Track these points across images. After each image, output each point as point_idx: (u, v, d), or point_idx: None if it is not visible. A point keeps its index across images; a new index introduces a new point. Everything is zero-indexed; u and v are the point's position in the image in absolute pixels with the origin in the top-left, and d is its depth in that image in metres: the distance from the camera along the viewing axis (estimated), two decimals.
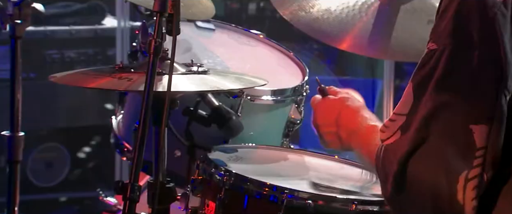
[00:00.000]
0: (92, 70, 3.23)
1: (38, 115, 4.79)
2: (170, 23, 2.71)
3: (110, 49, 5.04)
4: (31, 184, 4.92)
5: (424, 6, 3.45)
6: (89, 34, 5.06)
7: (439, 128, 2.50)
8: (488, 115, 2.49)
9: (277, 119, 3.53)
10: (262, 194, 3.02)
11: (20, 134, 3.28)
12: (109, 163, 5.11)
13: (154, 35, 2.67)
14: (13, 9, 3.19)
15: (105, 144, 5.19)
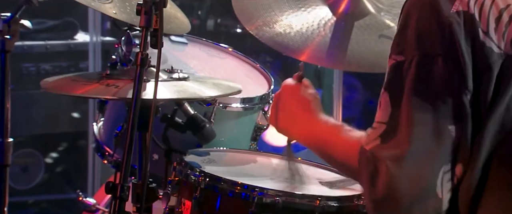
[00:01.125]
0: (81, 77, 3.25)
1: (15, 123, 4.78)
2: (154, 37, 2.74)
3: (82, 62, 5.01)
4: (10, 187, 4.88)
5: (375, 22, 3.45)
6: (63, 48, 5.03)
7: (418, 130, 2.54)
8: (457, 115, 2.51)
9: (246, 124, 3.53)
10: (235, 192, 3.02)
11: (9, 139, 3.28)
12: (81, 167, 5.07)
13: (140, 48, 2.70)
14: (3, 26, 3.17)
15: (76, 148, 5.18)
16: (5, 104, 3.28)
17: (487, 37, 2.49)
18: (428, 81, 2.52)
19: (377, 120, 2.58)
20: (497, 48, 2.49)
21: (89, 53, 4.94)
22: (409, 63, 2.52)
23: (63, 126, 5.25)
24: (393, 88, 2.56)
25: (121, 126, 3.35)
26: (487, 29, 2.50)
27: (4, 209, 3.33)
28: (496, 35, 2.50)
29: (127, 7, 3.21)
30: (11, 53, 3.31)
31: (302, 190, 3.10)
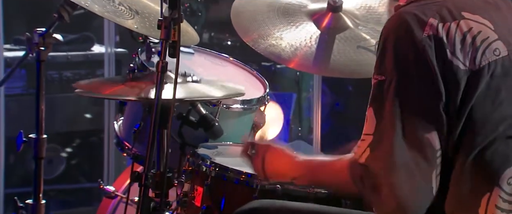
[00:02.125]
0: (109, 80, 3.24)
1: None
2: (172, 47, 2.72)
3: (98, 70, 5.00)
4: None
5: (354, 35, 3.45)
6: (82, 58, 5.02)
7: (407, 141, 2.51)
8: (435, 123, 2.51)
9: (245, 122, 3.51)
10: (240, 180, 3.03)
11: (43, 136, 3.25)
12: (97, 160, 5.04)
13: (161, 57, 2.68)
14: (39, 39, 3.16)
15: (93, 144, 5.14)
16: (40, 106, 3.22)
17: (454, 57, 2.50)
18: (407, 97, 2.52)
19: (364, 132, 2.57)
20: (463, 65, 2.51)
21: (104, 62, 4.90)
22: (389, 83, 2.52)
23: (81, 125, 5.22)
24: (377, 104, 2.55)
25: (138, 124, 3.33)
26: (453, 49, 2.51)
27: (39, 195, 3.25)
28: (462, 54, 2.51)
29: (146, 22, 3.19)
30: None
31: None
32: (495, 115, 2.54)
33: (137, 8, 3.20)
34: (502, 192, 2.56)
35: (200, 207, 3.06)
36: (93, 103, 5.13)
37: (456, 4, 2.55)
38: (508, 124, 2.56)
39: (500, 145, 2.56)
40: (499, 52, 2.55)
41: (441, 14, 2.52)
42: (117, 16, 3.10)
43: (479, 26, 2.54)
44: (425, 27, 2.50)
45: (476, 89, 2.50)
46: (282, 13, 3.48)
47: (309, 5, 3.51)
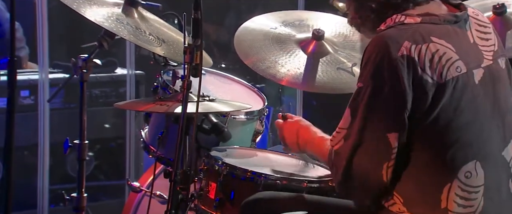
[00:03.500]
0: (143, 99, 3.25)
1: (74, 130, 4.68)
2: (195, 69, 2.73)
3: (121, 88, 4.95)
4: (70, 175, 4.80)
5: (334, 59, 3.43)
6: (107, 79, 4.96)
7: (369, 136, 2.54)
8: (396, 127, 2.53)
9: (248, 130, 3.49)
10: (246, 177, 3.01)
11: (85, 141, 3.24)
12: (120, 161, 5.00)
13: (187, 77, 2.68)
14: (82, 63, 3.16)
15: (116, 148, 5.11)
16: (82, 117, 3.22)
17: (424, 72, 2.53)
18: (376, 103, 2.55)
19: (340, 126, 2.62)
20: (431, 79, 2.53)
21: (126, 82, 4.86)
22: (365, 89, 2.56)
23: (107, 132, 5.15)
24: (353, 105, 2.59)
25: (161, 132, 3.34)
26: (423, 66, 2.53)
27: (82, 190, 3.24)
28: (430, 70, 2.53)
29: (171, 49, 3.19)
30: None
31: (295, 176, 3.10)
32: (457, 121, 2.56)
33: (164, 37, 3.20)
34: (460, 183, 2.58)
35: (214, 199, 3.04)
36: (115, 115, 5.09)
37: (426, 30, 2.58)
38: (466, 129, 2.58)
39: (460, 146, 2.58)
40: (460, 70, 2.57)
41: (414, 38, 2.54)
42: (148, 44, 3.10)
43: (444, 48, 2.56)
44: (401, 48, 2.52)
45: (442, 98, 2.53)
46: (275, 41, 3.47)
47: (297, 35, 3.51)
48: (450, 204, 2.57)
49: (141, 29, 3.13)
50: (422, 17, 2.60)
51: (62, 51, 4.91)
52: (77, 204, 3.20)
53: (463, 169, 2.57)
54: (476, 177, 2.59)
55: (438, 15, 2.63)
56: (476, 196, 2.59)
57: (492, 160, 2.63)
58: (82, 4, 3.07)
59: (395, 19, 2.62)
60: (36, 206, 4.21)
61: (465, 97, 2.57)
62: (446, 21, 2.62)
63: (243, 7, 6.23)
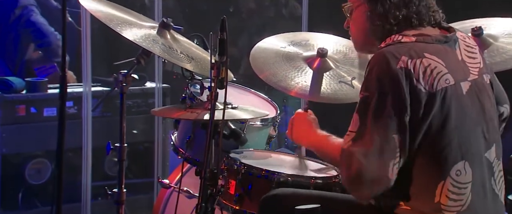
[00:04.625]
0: (175, 107, 3.24)
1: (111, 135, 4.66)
2: (221, 82, 2.71)
3: (150, 99, 4.94)
4: (107, 174, 4.78)
5: (336, 73, 3.37)
6: (139, 91, 4.94)
7: (377, 138, 2.51)
8: (399, 129, 2.51)
9: (263, 134, 3.49)
10: (261, 175, 3.02)
11: (125, 144, 3.22)
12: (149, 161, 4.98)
13: (214, 89, 2.67)
14: (122, 78, 3.14)
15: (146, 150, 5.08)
16: (122, 124, 3.22)
17: (418, 83, 2.52)
18: (382, 108, 2.52)
19: (350, 129, 2.58)
20: (424, 89, 2.52)
21: (155, 94, 4.83)
22: (371, 97, 2.53)
23: (136, 137, 5.14)
24: (361, 111, 2.55)
25: (189, 136, 3.33)
26: (418, 78, 2.52)
27: (122, 186, 3.22)
28: (423, 81, 2.52)
29: (199, 65, 3.18)
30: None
31: (304, 173, 3.08)
32: (447, 126, 2.55)
33: (192, 55, 3.19)
34: (452, 180, 2.57)
35: (234, 195, 3.05)
36: (143, 123, 5.08)
37: (420, 48, 2.58)
38: (456, 133, 2.57)
39: (451, 148, 2.57)
40: (449, 82, 2.57)
41: (410, 53, 2.55)
42: (179, 61, 3.09)
43: (435, 63, 2.56)
44: (399, 61, 2.52)
45: (433, 106, 2.53)
46: (285, 59, 3.44)
47: (304, 53, 3.48)
48: (443, 198, 2.57)
49: (173, 48, 3.12)
50: (417, 37, 2.62)
51: (101, 68, 4.90)
52: (118, 198, 3.19)
53: (454, 168, 2.57)
54: (465, 175, 2.58)
55: (431, 36, 2.64)
56: (465, 191, 2.59)
57: (478, 160, 2.62)
58: (123, 27, 3.06)
59: (393, 38, 2.63)
60: (81, 200, 4.20)
61: (454, 105, 2.56)
62: (437, 41, 2.63)
63: (253, 29, 6.23)
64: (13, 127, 4.13)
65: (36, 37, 4.76)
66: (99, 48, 4.70)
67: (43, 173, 4.29)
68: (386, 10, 2.65)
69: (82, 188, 4.20)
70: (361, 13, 2.71)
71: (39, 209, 4.22)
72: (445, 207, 2.57)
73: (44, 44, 4.72)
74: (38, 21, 4.73)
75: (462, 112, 2.58)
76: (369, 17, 2.69)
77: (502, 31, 3.48)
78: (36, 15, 4.75)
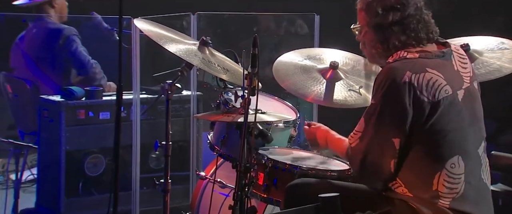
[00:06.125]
0: (214, 112, 3.24)
1: (155, 135, 4.63)
2: (253, 90, 2.71)
3: (186, 105, 4.90)
4: (151, 168, 4.77)
5: (346, 83, 3.38)
6: (177, 98, 4.87)
7: (379, 140, 2.55)
8: (399, 133, 2.52)
9: (285, 134, 3.47)
10: (286, 168, 3.02)
11: (170, 143, 3.21)
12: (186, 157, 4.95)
13: (247, 96, 2.67)
14: (168, 86, 3.15)
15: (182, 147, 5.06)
16: (168, 125, 3.21)
17: (421, 94, 2.53)
18: (386, 115, 2.54)
19: (356, 130, 2.61)
20: (427, 99, 2.53)
21: (191, 100, 4.79)
22: (377, 105, 2.56)
23: (174, 137, 5.06)
24: (367, 116, 2.58)
25: (224, 136, 3.32)
26: (421, 90, 2.53)
27: (168, 177, 3.22)
28: (426, 92, 2.53)
29: (233, 75, 3.19)
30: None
31: (321, 167, 3.08)
32: (446, 128, 2.56)
33: (227, 68, 3.20)
34: (447, 171, 2.59)
35: (262, 185, 3.05)
36: (178, 125, 5.01)
37: (423, 63, 2.59)
38: (452, 133, 2.57)
39: (447, 145, 2.58)
40: (448, 92, 2.57)
41: (414, 69, 2.55)
42: (217, 73, 3.11)
43: (436, 76, 2.56)
44: (404, 76, 2.52)
45: (435, 113, 2.53)
46: (303, 70, 3.45)
47: (318, 66, 3.49)
48: (440, 187, 2.57)
49: (211, 61, 3.14)
50: (419, 53, 2.62)
51: (146, 79, 4.91)
52: (164, 187, 3.20)
53: (449, 162, 2.57)
54: (458, 168, 2.59)
55: (431, 52, 2.64)
56: (458, 181, 2.59)
57: (470, 155, 2.63)
58: (170, 44, 3.08)
59: (400, 55, 2.63)
60: (131, 189, 4.22)
61: (452, 111, 2.57)
62: (436, 56, 2.63)
63: (270, 45, 6.23)
64: (75, 128, 4.15)
65: (75, 67, 4.76)
66: (145, 62, 4.72)
67: (99, 166, 4.32)
68: (387, 38, 2.63)
69: (132, 179, 4.20)
70: (367, 36, 2.71)
71: (96, 197, 4.25)
72: (442, 194, 2.58)
73: (82, 73, 4.73)
74: (77, 51, 4.71)
75: (458, 116, 2.59)
76: (374, 40, 2.68)
77: (485, 47, 3.48)
78: (77, 45, 4.72)
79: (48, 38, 4.72)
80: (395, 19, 2.58)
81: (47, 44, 4.72)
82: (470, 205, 2.60)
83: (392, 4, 2.60)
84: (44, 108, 4.19)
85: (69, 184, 4.15)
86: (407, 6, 2.59)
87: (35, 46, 4.76)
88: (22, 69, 4.81)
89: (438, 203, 2.58)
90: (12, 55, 4.90)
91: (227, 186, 3.47)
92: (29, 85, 4.71)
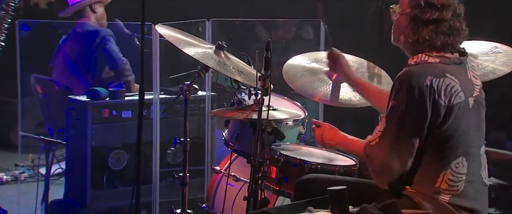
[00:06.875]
0: (229, 109, 3.22)
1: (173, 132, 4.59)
2: (266, 90, 2.69)
3: (201, 104, 4.86)
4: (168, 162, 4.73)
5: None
6: (193, 98, 4.82)
7: (399, 139, 2.48)
8: (418, 134, 2.47)
9: (295, 132, 3.46)
10: (297, 163, 3.01)
11: (188, 139, 3.20)
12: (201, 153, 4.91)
13: (261, 95, 2.65)
14: (186, 87, 3.13)
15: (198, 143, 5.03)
16: (186, 123, 3.19)
17: (439, 98, 2.47)
18: (408, 116, 2.47)
19: (378, 129, 2.53)
20: (443, 103, 2.48)
21: (206, 100, 4.73)
22: (399, 106, 2.48)
23: (191, 133, 4.98)
24: (389, 116, 2.50)
25: (237, 132, 3.31)
26: (439, 93, 2.47)
27: (186, 171, 3.21)
28: (444, 97, 2.48)
29: (246, 76, 3.17)
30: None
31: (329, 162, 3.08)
32: (456, 132, 2.52)
33: (241, 70, 3.19)
34: (452, 171, 2.55)
35: (275, 178, 3.05)
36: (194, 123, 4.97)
37: (442, 69, 2.54)
38: (461, 136, 2.54)
39: (453, 147, 2.54)
40: (462, 98, 2.53)
41: (434, 73, 2.50)
42: (231, 74, 3.09)
43: (454, 82, 2.52)
44: (425, 80, 2.47)
45: (450, 116, 2.49)
46: (310, 72, 3.42)
47: (324, 68, 3.45)
48: (443, 184, 2.54)
49: (226, 64, 3.12)
50: (440, 59, 2.56)
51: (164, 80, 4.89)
52: (183, 180, 3.19)
53: (454, 162, 2.54)
54: (462, 168, 2.56)
55: (450, 58, 2.58)
56: (460, 179, 2.56)
57: (473, 156, 2.59)
58: (189, 47, 3.06)
59: (421, 58, 2.58)
60: (151, 182, 4.20)
61: (464, 116, 2.54)
62: (454, 63, 2.58)
63: (279, 49, 6.21)
64: (100, 125, 4.14)
65: (108, 62, 4.80)
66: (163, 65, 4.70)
67: (121, 161, 4.30)
68: (419, 32, 2.56)
69: (152, 173, 4.19)
70: (402, 21, 2.63)
71: (119, 189, 4.23)
72: (443, 191, 2.55)
73: (113, 68, 4.77)
74: (110, 49, 4.76)
75: (468, 121, 2.56)
76: (407, 29, 2.60)
77: (479, 51, 3.45)
78: (111, 44, 4.78)
79: (87, 38, 4.78)
80: (431, 18, 2.53)
81: (85, 43, 4.77)
82: (469, 201, 2.58)
83: (434, 2, 2.54)
84: (72, 107, 4.18)
85: (94, 177, 4.14)
86: (447, 9, 2.54)
87: (75, 46, 4.84)
88: (60, 68, 4.86)
89: (439, 198, 2.55)
90: (54, 55, 4.97)
91: (241, 179, 3.45)
92: (57, 87, 4.72)
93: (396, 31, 2.68)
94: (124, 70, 4.72)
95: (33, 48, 4.99)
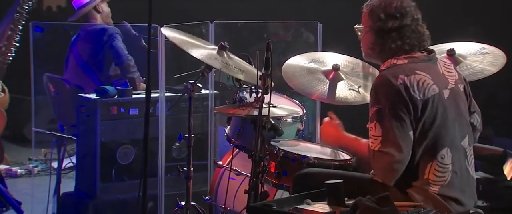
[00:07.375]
0: (231, 106, 3.21)
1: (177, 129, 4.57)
2: (266, 89, 2.68)
3: (205, 102, 4.84)
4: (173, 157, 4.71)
5: (346, 83, 3.34)
6: (196, 96, 4.69)
7: (399, 137, 2.48)
8: (411, 126, 2.47)
9: (293, 128, 3.44)
10: (295, 158, 2.98)
11: (192, 135, 3.21)
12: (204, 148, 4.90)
13: (262, 93, 2.64)
14: (190, 86, 3.13)
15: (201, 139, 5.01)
16: (190, 120, 3.20)
17: (414, 93, 2.48)
18: (396, 115, 2.48)
19: (375, 135, 2.51)
20: (419, 97, 2.49)
21: (209, 98, 4.70)
22: (384, 109, 2.49)
23: (194, 130, 4.95)
24: (379, 120, 2.49)
25: (239, 129, 3.29)
26: (413, 89, 2.49)
27: (190, 165, 3.22)
28: (418, 91, 2.50)
29: (248, 75, 3.17)
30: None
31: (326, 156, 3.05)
32: (435, 123, 2.53)
33: (243, 69, 3.18)
34: (438, 162, 2.55)
35: (274, 172, 3.03)
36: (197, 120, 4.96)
37: (412, 67, 2.56)
38: (441, 128, 2.55)
39: (437, 139, 2.54)
40: (435, 90, 2.54)
41: (405, 72, 2.52)
42: (234, 73, 3.09)
43: (425, 77, 2.53)
44: (398, 79, 2.49)
45: (426, 109, 2.50)
46: (308, 72, 3.41)
47: (322, 68, 3.45)
48: (431, 175, 2.55)
49: (229, 64, 3.11)
50: (408, 59, 2.59)
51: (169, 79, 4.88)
52: (187, 174, 3.18)
53: (439, 153, 2.54)
54: (447, 158, 2.56)
55: (418, 57, 2.62)
56: (446, 170, 2.57)
57: (456, 147, 2.60)
58: (193, 49, 3.06)
59: (390, 62, 2.62)
60: (157, 175, 4.20)
61: (439, 108, 2.55)
62: (422, 60, 2.61)
63: (278, 50, 6.20)
64: (108, 122, 4.14)
65: (114, 58, 4.79)
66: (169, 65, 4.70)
67: (129, 156, 4.30)
68: (385, 41, 2.62)
69: (158, 167, 4.19)
70: (368, 37, 2.68)
71: (126, 182, 4.24)
72: (432, 182, 2.55)
73: (118, 63, 4.76)
74: (117, 46, 4.75)
75: (445, 112, 2.56)
76: (373, 42, 2.66)
77: (468, 52, 3.46)
78: (118, 41, 4.77)
79: (96, 36, 4.77)
80: (394, 26, 2.58)
81: (95, 41, 4.76)
82: (456, 192, 2.58)
83: (392, 13, 2.60)
84: (82, 104, 4.19)
85: (104, 170, 4.15)
86: (405, 16, 2.60)
87: (85, 45, 4.83)
88: (72, 67, 4.86)
89: (429, 190, 2.55)
90: (68, 55, 4.96)
91: (242, 173, 3.44)
92: (68, 85, 4.72)
93: (365, 47, 2.72)
94: (129, 66, 4.71)
95: (46, 49, 4.99)
